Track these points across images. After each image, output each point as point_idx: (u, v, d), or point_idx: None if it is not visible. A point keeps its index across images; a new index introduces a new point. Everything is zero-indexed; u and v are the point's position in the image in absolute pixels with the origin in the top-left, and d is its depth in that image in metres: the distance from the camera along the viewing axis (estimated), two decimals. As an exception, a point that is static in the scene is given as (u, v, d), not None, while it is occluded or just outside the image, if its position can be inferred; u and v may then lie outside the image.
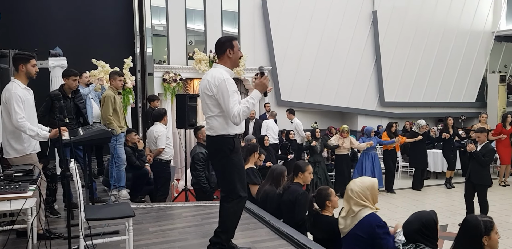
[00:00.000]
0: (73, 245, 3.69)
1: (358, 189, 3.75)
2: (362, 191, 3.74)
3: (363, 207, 3.72)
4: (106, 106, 6.05)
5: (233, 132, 3.77)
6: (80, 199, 3.64)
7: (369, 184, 3.79)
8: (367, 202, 3.72)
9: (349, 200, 3.78)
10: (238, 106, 3.63)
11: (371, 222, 3.66)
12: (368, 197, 3.74)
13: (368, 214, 3.70)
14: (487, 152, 7.44)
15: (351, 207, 3.76)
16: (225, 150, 3.79)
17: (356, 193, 3.73)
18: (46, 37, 9.60)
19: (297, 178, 5.04)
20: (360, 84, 14.08)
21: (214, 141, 3.82)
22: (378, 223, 3.66)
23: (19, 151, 4.31)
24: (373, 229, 3.63)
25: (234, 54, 3.81)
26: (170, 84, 10.84)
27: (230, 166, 3.79)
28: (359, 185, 3.79)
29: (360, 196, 3.73)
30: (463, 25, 15.15)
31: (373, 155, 10.37)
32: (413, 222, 3.33)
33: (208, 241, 3.94)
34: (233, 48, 3.79)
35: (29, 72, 4.37)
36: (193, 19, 11.80)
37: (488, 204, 7.60)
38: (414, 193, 10.50)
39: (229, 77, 3.72)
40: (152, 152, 7.13)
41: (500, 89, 15.37)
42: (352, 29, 13.74)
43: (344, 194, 3.88)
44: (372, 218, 3.69)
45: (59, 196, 5.57)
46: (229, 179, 3.81)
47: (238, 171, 3.82)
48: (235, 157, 3.79)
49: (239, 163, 3.83)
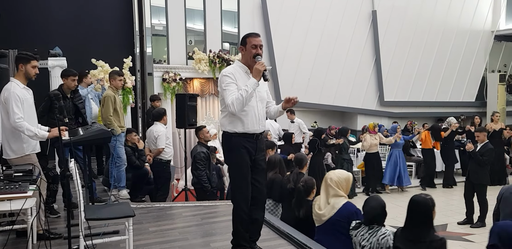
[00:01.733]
0: (73, 245, 3.68)
1: (336, 179, 4.29)
2: (339, 181, 4.27)
3: (340, 197, 4.23)
4: (106, 106, 6.05)
5: (233, 130, 3.68)
6: (80, 199, 3.64)
7: (346, 176, 4.34)
8: (341, 191, 4.25)
9: (328, 188, 4.29)
10: (232, 96, 3.56)
11: (349, 209, 4.17)
12: (343, 187, 4.28)
13: (345, 202, 4.21)
14: (486, 152, 7.45)
15: (329, 195, 4.26)
16: (225, 147, 3.79)
17: (335, 182, 4.27)
18: (46, 37, 9.60)
19: (303, 169, 5.91)
20: (360, 84, 14.09)
21: (222, 137, 3.84)
22: (356, 209, 4.17)
23: (17, 152, 4.30)
24: (352, 215, 4.12)
25: (246, 52, 3.72)
26: (169, 84, 10.83)
27: (229, 165, 3.81)
28: (338, 175, 4.33)
29: (338, 185, 4.25)
30: (463, 25, 15.15)
31: (399, 152, 10.54)
32: (376, 207, 3.88)
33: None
34: (245, 45, 3.71)
35: (28, 73, 4.35)
36: (193, 19, 11.79)
37: (487, 203, 7.61)
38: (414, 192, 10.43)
39: (231, 71, 3.67)
40: (152, 152, 7.14)
41: (500, 89, 15.39)
42: (352, 28, 13.74)
43: (322, 183, 4.37)
44: (350, 205, 4.21)
45: (58, 196, 5.57)
46: (230, 178, 3.83)
47: (235, 171, 3.77)
48: (233, 156, 3.73)
49: (237, 162, 3.72)
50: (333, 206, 4.19)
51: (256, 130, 3.74)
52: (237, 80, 3.64)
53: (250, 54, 3.69)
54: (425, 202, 3.53)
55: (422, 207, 3.52)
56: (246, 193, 3.75)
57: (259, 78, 3.58)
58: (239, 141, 3.70)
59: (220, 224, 5.17)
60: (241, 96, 3.52)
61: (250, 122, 3.69)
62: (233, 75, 3.65)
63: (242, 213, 3.76)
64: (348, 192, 4.38)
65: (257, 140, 3.78)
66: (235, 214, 3.80)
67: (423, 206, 3.52)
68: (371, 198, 4.05)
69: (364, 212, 3.95)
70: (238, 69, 3.73)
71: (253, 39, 3.70)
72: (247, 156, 3.72)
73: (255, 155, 3.78)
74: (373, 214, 3.87)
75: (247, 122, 3.68)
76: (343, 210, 4.15)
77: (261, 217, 3.94)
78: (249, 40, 3.70)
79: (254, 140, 3.75)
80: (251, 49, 3.68)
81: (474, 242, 6.89)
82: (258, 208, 3.88)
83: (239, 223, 3.80)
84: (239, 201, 3.75)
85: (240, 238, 3.83)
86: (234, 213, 3.80)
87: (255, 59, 3.65)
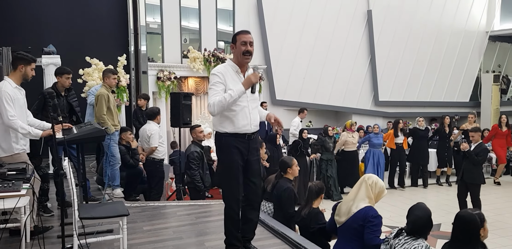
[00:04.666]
0: (67, 244, 3.67)
1: (377, 183, 3.95)
2: (377, 187, 3.94)
3: (366, 200, 3.89)
4: (100, 105, 6.01)
5: (223, 130, 3.66)
6: (73, 197, 3.62)
7: (383, 186, 4.00)
8: (372, 197, 3.91)
9: (366, 187, 3.94)
10: (216, 97, 3.53)
11: (367, 212, 3.82)
12: (375, 195, 3.94)
13: (366, 205, 3.87)
14: (481, 151, 7.47)
15: (358, 194, 3.93)
16: (216, 147, 3.79)
17: (375, 184, 3.94)
18: (40, 35, 9.57)
19: (287, 174, 5.22)
20: (355, 84, 14.12)
21: (214, 136, 3.83)
22: (374, 214, 3.82)
23: (6, 150, 4.30)
24: (367, 219, 3.79)
25: (236, 49, 3.70)
26: (164, 82, 10.80)
27: (219, 165, 3.79)
28: (379, 181, 3.99)
29: (374, 189, 3.93)
30: (457, 25, 15.21)
31: (378, 152, 10.48)
32: (423, 217, 3.51)
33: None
34: (235, 42, 3.70)
35: (27, 75, 4.40)
36: (188, 17, 11.77)
37: (481, 203, 7.64)
38: (408, 191, 10.53)
39: (221, 70, 3.64)
40: (145, 151, 7.11)
41: (494, 89, 15.47)
42: (347, 28, 13.77)
43: (360, 180, 4.03)
44: (369, 209, 3.85)
45: (51, 195, 5.54)
46: (219, 178, 3.81)
47: (225, 171, 3.75)
48: (223, 156, 3.72)
49: (227, 162, 3.71)
50: (352, 209, 3.91)
51: (248, 130, 3.71)
52: (226, 80, 3.61)
53: (240, 51, 3.67)
54: (472, 218, 3.26)
55: (469, 224, 3.26)
56: (236, 193, 3.73)
57: (247, 88, 3.59)
58: (229, 141, 3.67)
59: (214, 223, 5.16)
60: (225, 99, 3.50)
61: (241, 123, 3.67)
62: (222, 75, 3.61)
63: (233, 213, 3.76)
64: (375, 201, 4.00)
65: (249, 140, 3.75)
66: (226, 214, 3.79)
67: (470, 224, 3.26)
68: (417, 205, 3.66)
69: (407, 221, 3.59)
70: (229, 69, 3.71)
71: (243, 36, 3.69)
72: (238, 156, 3.69)
73: (248, 155, 3.75)
74: (418, 224, 3.50)
75: (237, 122, 3.66)
76: (361, 212, 3.85)
77: (255, 217, 3.93)
78: (238, 37, 3.68)
79: (246, 140, 3.72)
80: (241, 46, 3.66)
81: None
82: (253, 208, 3.88)
83: (230, 223, 3.80)
84: (229, 201, 3.75)
85: (232, 237, 3.82)
86: (226, 213, 3.79)
87: (244, 56, 3.66)
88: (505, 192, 10.44)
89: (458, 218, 3.33)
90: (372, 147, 10.49)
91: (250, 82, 3.59)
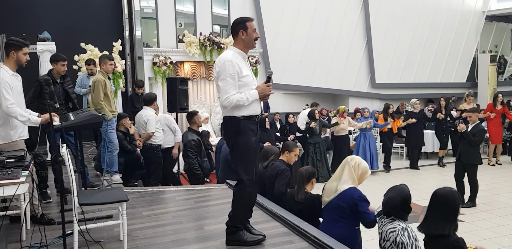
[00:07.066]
0: (67, 230, 3.70)
1: (360, 164, 4.06)
2: (360, 168, 4.05)
3: (349, 181, 4.02)
4: (97, 91, 6.01)
5: (240, 114, 3.68)
6: (73, 184, 3.64)
7: (366, 167, 4.11)
8: (355, 178, 4.04)
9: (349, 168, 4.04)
10: (236, 95, 3.60)
11: (352, 194, 3.94)
12: (358, 176, 4.06)
13: (350, 186, 3.99)
14: (478, 132, 7.50)
15: (342, 176, 4.04)
16: (231, 131, 3.76)
17: (358, 165, 4.05)
18: (34, 21, 9.49)
19: (283, 155, 5.28)
20: (351, 66, 14.05)
21: (224, 122, 3.84)
22: (359, 195, 3.95)
23: (4, 138, 4.30)
24: (354, 201, 3.91)
25: (248, 36, 3.73)
26: (160, 67, 10.74)
27: (236, 149, 3.75)
28: (362, 162, 4.10)
29: (357, 170, 4.04)
30: (454, 5, 15.09)
31: (370, 135, 10.58)
32: (395, 198, 3.51)
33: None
34: (246, 29, 3.72)
35: (20, 60, 4.36)
36: (182, 1, 11.63)
37: (478, 183, 7.70)
38: (406, 173, 10.61)
39: (234, 58, 3.65)
40: (142, 137, 7.11)
41: (491, 69, 15.46)
42: (343, 10, 13.64)
43: (344, 162, 4.12)
44: (354, 190, 3.98)
45: (50, 181, 5.57)
46: (234, 162, 3.81)
47: (242, 154, 3.74)
48: (241, 139, 3.70)
49: (245, 145, 3.71)
50: (336, 189, 4.02)
51: (258, 112, 3.80)
52: (241, 68, 3.66)
53: (252, 38, 3.76)
54: (454, 196, 3.28)
55: (451, 202, 3.26)
56: (252, 175, 3.78)
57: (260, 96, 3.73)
58: (247, 124, 3.72)
59: (214, 207, 5.21)
60: (242, 101, 3.62)
61: (255, 106, 3.74)
62: (238, 65, 3.65)
63: (249, 197, 3.83)
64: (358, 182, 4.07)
65: (258, 121, 3.83)
66: (243, 199, 3.81)
67: (452, 201, 3.27)
68: (392, 187, 3.65)
69: (382, 203, 3.65)
70: (238, 56, 3.73)
71: (253, 24, 3.80)
72: (254, 138, 3.76)
73: (256, 136, 3.83)
74: (389, 205, 3.53)
75: (252, 105, 3.72)
76: (346, 193, 3.95)
77: (255, 196, 4.00)
78: (249, 25, 3.75)
79: (256, 121, 3.79)
80: (253, 33, 3.76)
81: (465, 222, 6.98)
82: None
83: (242, 206, 3.83)
84: (245, 184, 3.75)
85: (237, 221, 3.86)
86: (241, 197, 3.80)
87: (267, 79, 3.81)
88: (502, 172, 10.50)
89: (439, 196, 3.30)
90: (363, 130, 10.61)
91: (265, 95, 3.76)
